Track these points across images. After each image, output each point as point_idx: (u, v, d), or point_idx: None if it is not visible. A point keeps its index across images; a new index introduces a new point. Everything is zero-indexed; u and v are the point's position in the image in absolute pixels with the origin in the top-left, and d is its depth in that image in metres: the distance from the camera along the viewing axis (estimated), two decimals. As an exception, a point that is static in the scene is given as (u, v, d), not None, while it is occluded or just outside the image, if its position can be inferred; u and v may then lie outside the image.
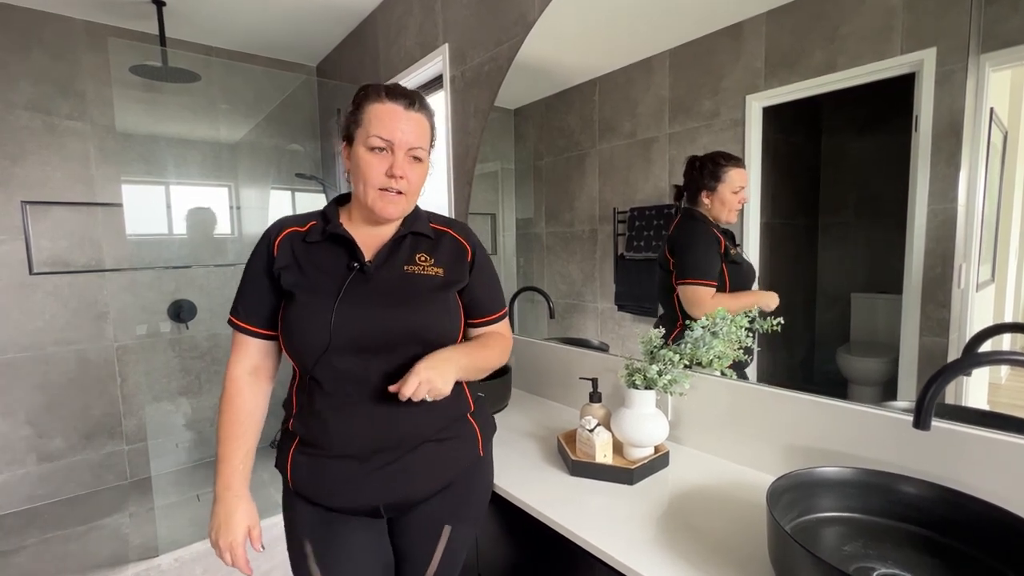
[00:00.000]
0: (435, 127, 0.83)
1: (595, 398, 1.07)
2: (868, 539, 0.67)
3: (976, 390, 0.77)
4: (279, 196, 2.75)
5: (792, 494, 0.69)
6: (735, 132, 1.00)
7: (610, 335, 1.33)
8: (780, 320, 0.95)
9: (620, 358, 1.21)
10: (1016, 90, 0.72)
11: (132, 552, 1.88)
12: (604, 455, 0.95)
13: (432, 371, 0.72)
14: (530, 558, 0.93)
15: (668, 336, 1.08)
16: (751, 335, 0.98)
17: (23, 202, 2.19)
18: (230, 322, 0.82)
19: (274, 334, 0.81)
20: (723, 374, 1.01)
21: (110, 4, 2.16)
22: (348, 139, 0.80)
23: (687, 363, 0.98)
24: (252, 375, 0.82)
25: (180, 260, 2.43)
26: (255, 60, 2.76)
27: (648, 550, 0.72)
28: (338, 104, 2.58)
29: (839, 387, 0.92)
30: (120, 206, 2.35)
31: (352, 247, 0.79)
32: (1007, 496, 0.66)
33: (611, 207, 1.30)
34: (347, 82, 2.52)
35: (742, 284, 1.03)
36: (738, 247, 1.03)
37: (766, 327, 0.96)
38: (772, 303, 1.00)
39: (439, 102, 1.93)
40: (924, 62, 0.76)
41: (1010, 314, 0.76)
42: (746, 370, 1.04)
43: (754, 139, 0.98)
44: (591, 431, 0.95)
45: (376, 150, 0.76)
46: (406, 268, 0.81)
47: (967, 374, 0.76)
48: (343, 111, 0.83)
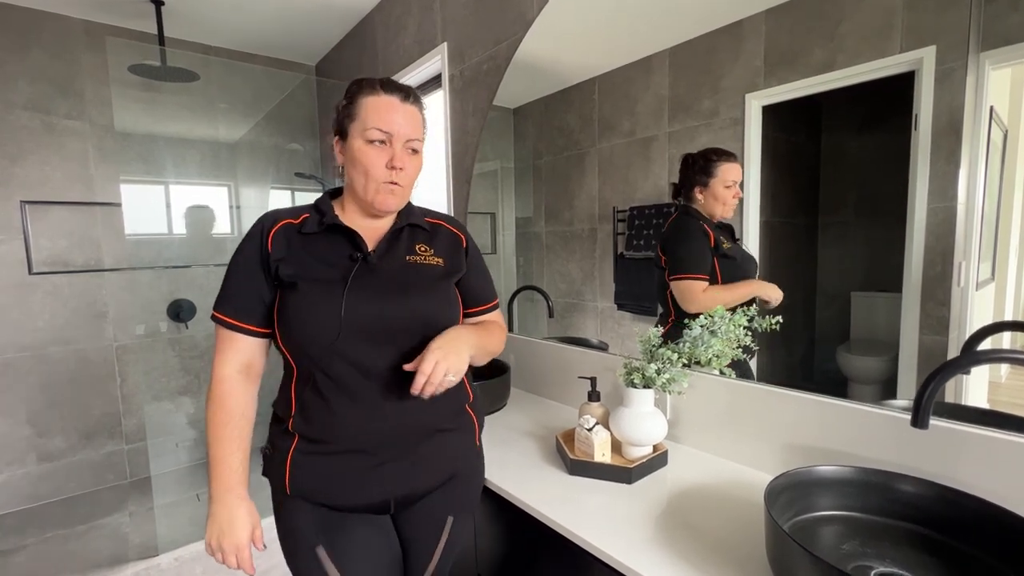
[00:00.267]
0: (426, 120, 0.84)
1: (594, 397, 1.07)
2: (866, 538, 0.67)
3: (976, 389, 0.77)
4: (279, 195, 2.75)
5: (790, 493, 0.69)
6: (735, 131, 1.00)
7: (610, 334, 1.33)
8: (779, 319, 0.95)
9: (619, 357, 1.21)
10: (1016, 88, 0.72)
11: (132, 551, 1.89)
12: (603, 454, 0.94)
13: (447, 348, 0.73)
14: (529, 557, 0.92)
15: (663, 332, 1.09)
16: (750, 334, 0.98)
17: (22, 202, 2.19)
18: (216, 319, 0.77)
19: (265, 331, 0.78)
20: (722, 373, 1.01)
21: (109, 3, 2.16)
22: (341, 133, 0.80)
23: (686, 362, 0.98)
24: (242, 374, 0.78)
25: (179, 260, 2.43)
26: (254, 59, 2.76)
27: (646, 549, 0.72)
28: (337, 104, 2.58)
29: (839, 386, 0.92)
30: (119, 206, 2.35)
31: (354, 238, 0.79)
32: (1006, 494, 0.66)
33: (611, 206, 1.29)
34: (346, 81, 2.52)
35: (736, 278, 1.04)
36: (737, 241, 1.03)
37: (765, 325, 0.96)
38: (772, 294, 0.99)
39: (438, 101, 1.93)
40: (924, 60, 0.75)
41: (1010, 312, 0.76)
42: (750, 362, 1.03)
43: (753, 138, 0.97)
44: (590, 430, 0.95)
45: (375, 143, 0.76)
46: (408, 258, 0.82)
47: (966, 372, 0.76)
48: (336, 105, 0.82)
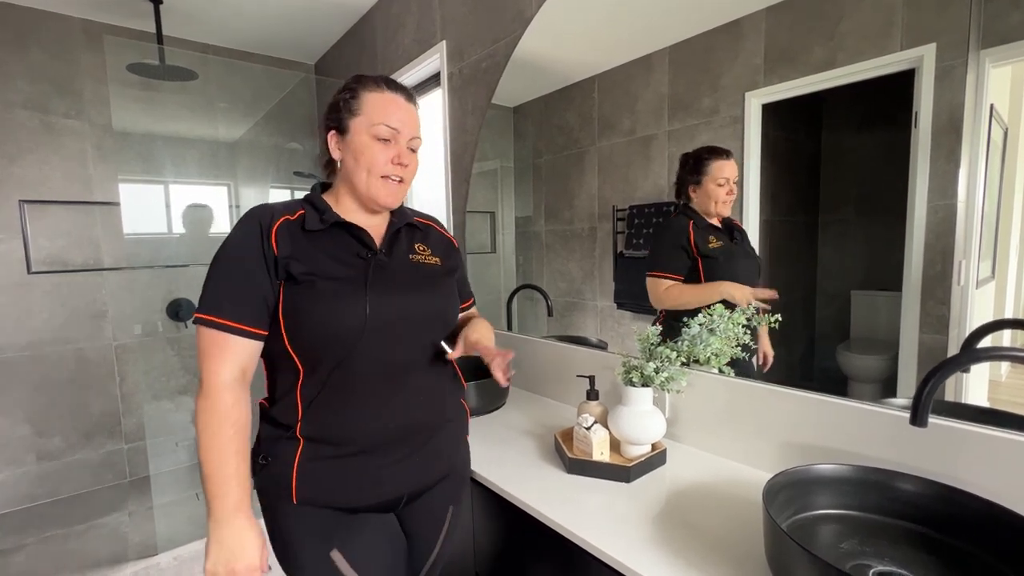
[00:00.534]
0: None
1: (592, 396, 1.07)
2: (865, 536, 0.67)
3: (976, 387, 0.77)
4: (278, 195, 2.75)
5: (788, 491, 0.69)
6: (734, 129, 0.99)
7: (610, 333, 1.33)
8: (778, 317, 0.95)
9: (618, 356, 1.20)
10: (1016, 86, 0.72)
11: (131, 551, 1.89)
12: (601, 453, 0.94)
13: (491, 338, 0.85)
14: (527, 556, 0.92)
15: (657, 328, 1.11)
16: (749, 332, 0.98)
17: (21, 201, 2.19)
18: (208, 322, 0.70)
19: (264, 333, 0.74)
20: (721, 371, 1.00)
21: (107, 3, 2.16)
22: (339, 128, 0.79)
23: (684, 360, 0.98)
24: (239, 382, 0.72)
25: (178, 259, 2.43)
26: (253, 58, 2.75)
27: (645, 548, 0.72)
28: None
29: (839, 384, 0.91)
30: (118, 205, 2.35)
31: (362, 236, 0.79)
32: (1005, 493, 0.66)
33: (610, 205, 1.29)
34: (344, 80, 2.51)
35: (720, 278, 1.05)
36: (735, 240, 1.03)
37: (764, 324, 0.96)
38: (737, 295, 1.00)
39: (437, 99, 1.93)
40: (924, 58, 0.75)
41: (1010, 310, 0.75)
42: (752, 359, 1.03)
43: (753, 136, 0.97)
44: (588, 429, 0.95)
45: (382, 139, 0.77)
46: (411, 257, 0.84)
47: (966, 370, 0.75)
48: (333, 99, 0.81)
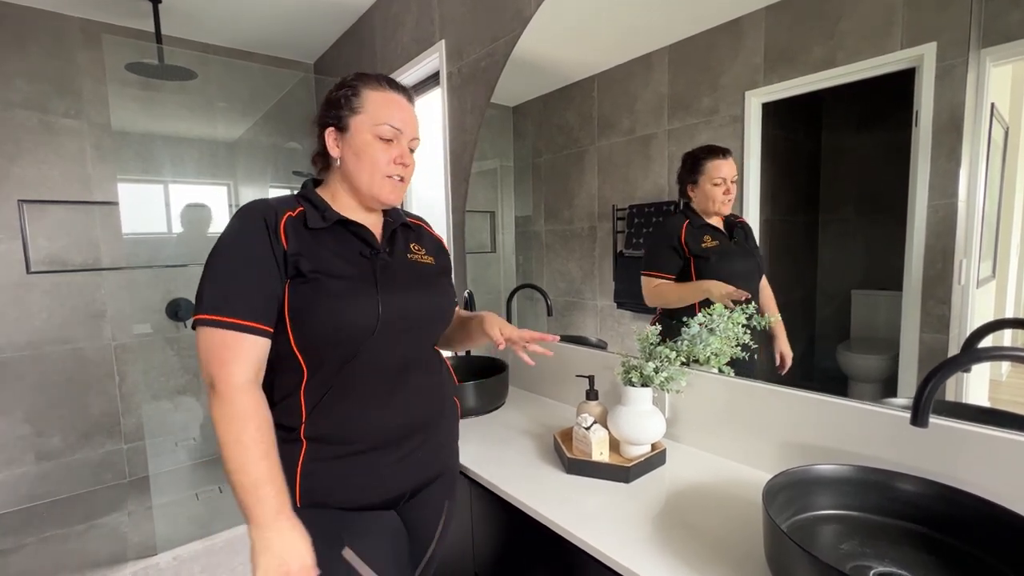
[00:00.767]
0: None
1: (592, 395, 1.07)
2: (865, 537, 0.66)
3: (977, 387, 0.76)
4: (277, 194, 2.73)
5: (788, 492, 0.69)
6: (734, 128, 0.99)
7: (609, 333, 1.32)
8: (777, 317, 0.95)
9: (618, 355, 1.20)
10: (1017, 85, 0.71)
11: (130, 551, 1.88)
12: (600, 453, 0.94)
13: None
14: (525, 557, 0.92)
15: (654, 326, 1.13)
16: (749, 332, 0.97)
17: (20, 201, 2.18)
18: (217, 322, 0.66)
19: (272, 331, 0.71)
20: (721, 371, 1.00)
21: (106, 2, 2.15)
22: (339, 126, 0.78)
23: (684, 360, 0.98)
24: (255, 383, 0.69)
25: (177, 259, 2.42)
26: (252, 58, 2.75)
27: (644, 549, 0.71)
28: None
29: (839, 384, 0.91)
30: (117, 205, 2.34)
31: (365, 234, 0.79)
32: (1005, 493, 0.65)
33: (610, 204, 1.29)
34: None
35: (715, 277, 1.06)
36: (734, 240, 1.03)
37: (763, 324, 0.96)
38: (715, 291, 1.03)
39: (436, 98, 1.92)
40: (924, 57, 0.75)
41: (1011, 310, 0.75)
42: (755, 357, 1.03)
43: (753, 135, 0.97)
44: (587, 429, 0.95)
45: (385, 138, 0.78)
46: (409, 256, 0.85)
47: (966, 370, 0.75)
48: (332, 96, 0.80)
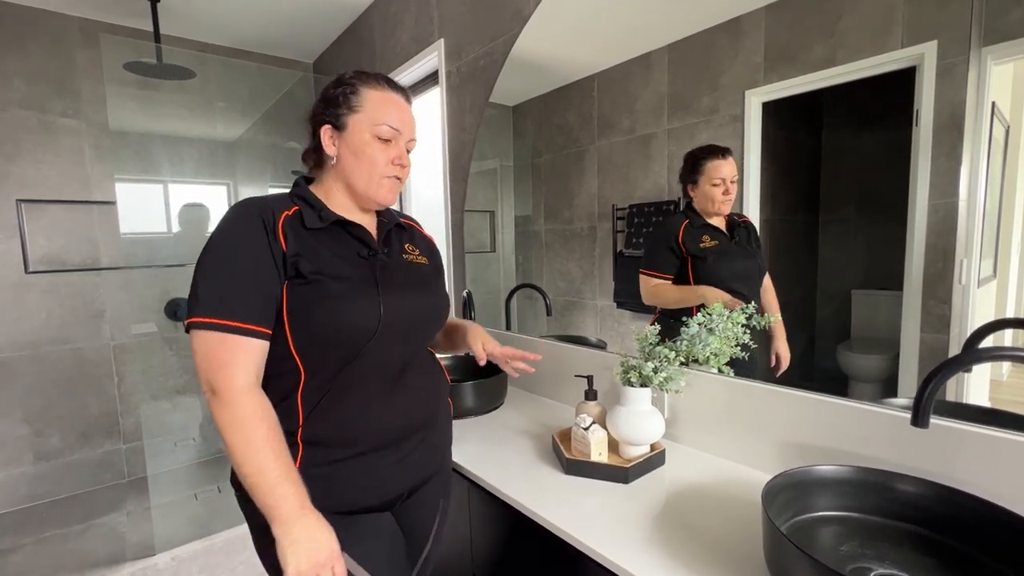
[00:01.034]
0: None
1: (591, 396, 1.06)
2: (865, 539, 0.66)
3: (977, 387, 0.76)
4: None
5: (788, 493, 0.68)
6: (734, 128, 0.99)
7: (609, 333, 1.32)
8: (776, 317, 0.94)
9: (617, 355, 1.20)
10: (1018, 84, 0.71)
11: (129, 551, 1.88)
12: (599, 453, 0.94)
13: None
14: (524, 558, 0.92)
15: (652, 324, 1.15)
16: (748, 332, 0.97)
17: (18, 200, 2.18)
18: (216, 325, 0.65)
19: (270, 333, 0.70)
20: (720, 371, 1.00)
21: (104, 1, 2.15)
22: (336, 124, 0.77)
23: (683, 360, 0.97)
24: (257, 386, 0.68)
25: (176, 259, 2.42)
26: (251, 57, 2.75)
27: (643, 550, 0.71)
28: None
29: (839, 384, 0.91)
30: (115, 204, 2.34)
31: (363, 235, 0.78)
32: (1007, 494, 0.65)
33: (610, 204, 1.29)
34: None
35: (711, 278, 1.06)
36: (735, 240, 1.03)
37: (763, 324, 0.95)
38: (709, 296, 1.03)
39: (435, 98, 1.92)
40: (925, 56, 0.74)
41: (1012, 309, 0.75)
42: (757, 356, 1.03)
43: (753, 135, 0.97)
44: (586, 429, 0.94)
45: (383, 139, 0.77)
46: (404, 257, 0.85)
47: (967, 370, 0.75)
48: (329, 94, 0.79)
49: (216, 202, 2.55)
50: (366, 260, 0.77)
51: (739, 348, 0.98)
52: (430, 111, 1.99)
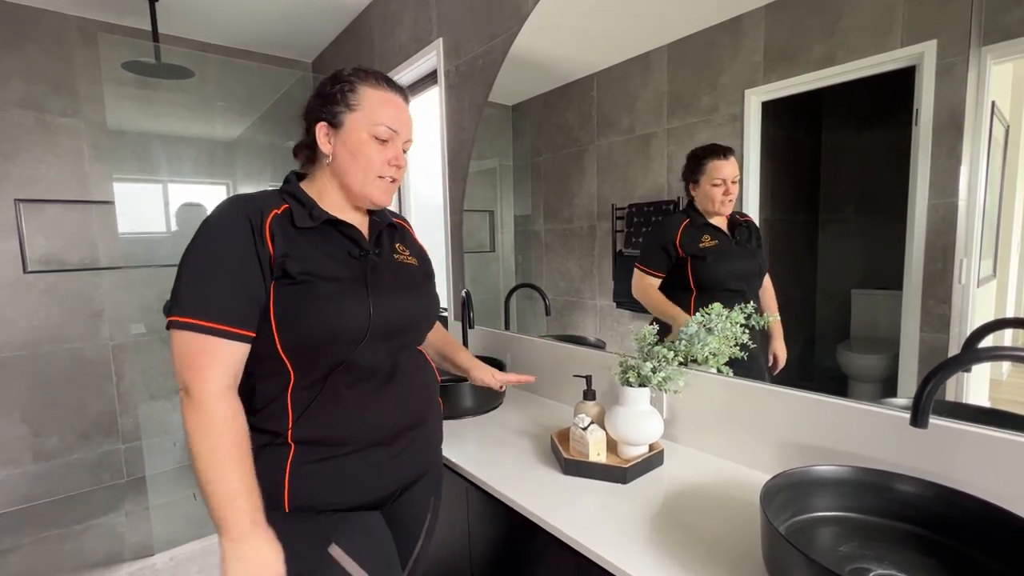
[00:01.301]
0: None
1: (589, 396, 1.06)
2: (864, 539, 0.66)
3: (977, 387, 0.76)
4: (276, 193, 2.73)
5: (786, 494, 0.68)
6: (734, 127, 0.99)
7: (608, 332, 1.32)
8: (775, 317, 0.94)
9: (615, 355, 1.20)
10: (1018, 83, 0.71)
11: (128, 551, 1.88)
12: (598, 453, 0.93)
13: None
14: (522, 558, 0.91)
15: (652, 322, 1.16)
16: (746, 332, 0.97)
17: (16, 200, 2.18)
18: (194, 326, 0.64)
19: (253, 335, 0.69)
20: (719, 371, 1.00)
21: (103, 0, 2.15)
22: (333, 121, 0.75)
23: (682, 360, 0.97)
24: (232, 389, 0.67)
25: (175, 258, 2.41)
26: (250, 56, 2.74)
27: (641, 550, 0.71)
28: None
29: (839, 384, 0.91)
30: (114, 204, 2.34)
31: (355, 235, 0.78)
32: (1006, 495, 0.65)
33: (609, 204, 1.28)
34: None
35: (711, 278, 1.06)
36: (736, 240, 1.02)
37: (762, 324, 0.95)
38: (679, 321, 1.06)
39: (434, 97, 1.92)
40: (924, 55, 0.74)
41: (1011, 309, 0.74)
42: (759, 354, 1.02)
43: (753, 134, 0.96)
44: (584, 429, 0.94)
45: (381, 139, 0.77)
46: (396, 257, 0.84)
47: (967, 370, 0.74)
48: (326, 90, 0.77)
49: (215, 202, 2.53)
50: (356, 260, 0.76)
51: (738, 348, 0.98)
52: (429, 110, 1.99)
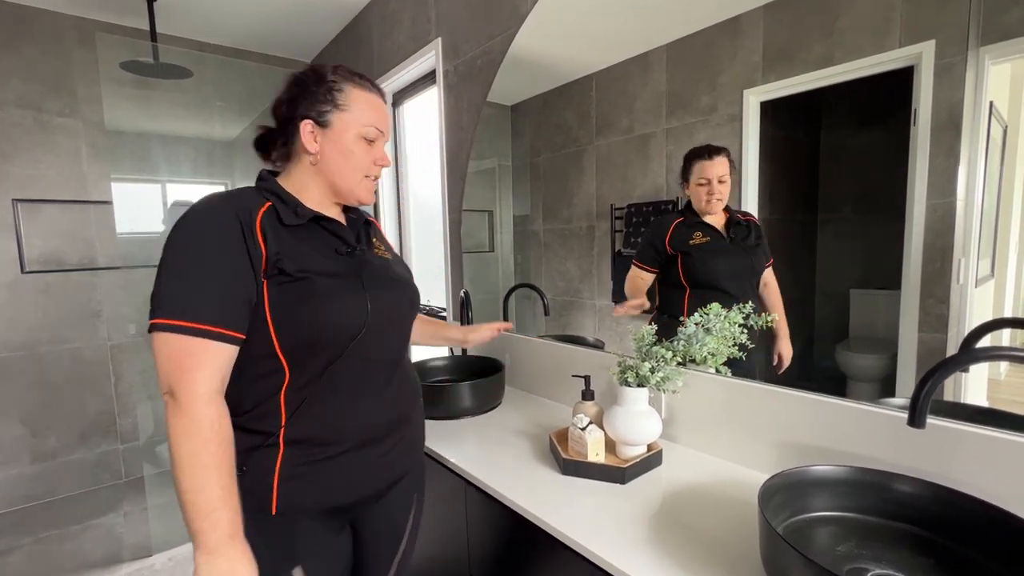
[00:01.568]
0: None
1: (588, 396, 1.06)
2: (862, 539, 0.66)
3: (975, 387, 0.76)
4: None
5: (784, 494, 0.68)
6: (732, 127, 0.99)
7: (607, 332, 1.32)
8: (774, 316, 0.94)
9: (614, 355, 1.20)
10: (1016, 83, 0.71)
11: (126, 551, 1.88)
12: (596, 454, 0.93)
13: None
14: (520, 558, 0.91)
15: (652, 320, 1.18)
16: (745, 332, 0.97)
17: (14, 200, 2.17)
18: (182, 328, 0.61)
19: (243, 337, 0.67)
20: (717, 371, 1.00)
21: (101, 0, 2.14)
22: (320, 120, 0.75)
23: (680, 360, 0.97)
24: (219, 393, 0.65)
25: (174, 258, 2.41)
26: (248, 56, 2.74)
27: (639, 550, 0.71)
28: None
29: (837, 384, 0.91)
30: (112, 204, 2.33)
31: (340, 231, 0.78)
32: (1003, 494, 0.65)
33: (608, 204, 1.28)
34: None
35: (698, 276, 1.08)
36: (731, 237, 1.03)
37: (761, 324, 0.95)
38: (644, 304, 1.18)
39: (432, 97, 1.92)
40: (923, 55, 0.74)
41: (1009, 309, 0.74)
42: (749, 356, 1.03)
43: (752, 134, 0.96)
44: (583, 429, 0.94)
45: (369, 140, 0.78)
46: (375, 252, 0.85)
47: (964, 370, 0.75)
48: (310, 88, 0.76)
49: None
50: (345, 256, 0.76)
51: (736, 348, 0.98)
52: (428, 110, 1.98)
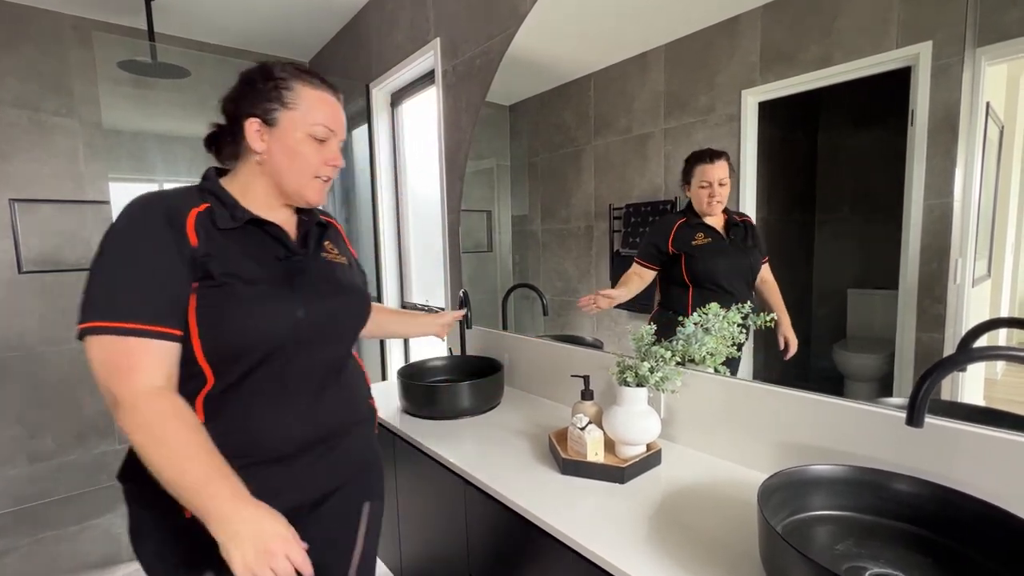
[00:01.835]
0: None
1: (587, 396, 1.06)
2: (860, 538, 0.66)
3: (972, 386, 0.76)
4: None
5: (783, 493, 0.68)
6: (730, 127, 0.99)
7: (606, 332, 1.32)
8: (773, 316, 0.94)
9: (613, 355, 1.20)
10: (1012, 84, 0.71)
11: (124, 552, 1.87)
12: (595, 453, 0.93)
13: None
14: (520, 558, 0.92)
15: (651, 318, 1.19)
16: (744, 331, 0.97)
17: (11, 200, 2.16)
18: (117, 329, 0.60)
19: (180, 334, 0.65)
20: (716, 371, 1.00)
21: (99, -1, 2.14)
22: (267, 119, 0.73)
23: (679, 360, 0.97)
24: (168, 389, 0.63)
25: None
26: (246, 56, 2.73)
27: (639, 550, 0.71)
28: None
29: (835, 383, 0.91)
30: (109, 204, 2.33)
31: (280, 235, 0.74)
32: (1001, 493, 0.65)
33: (607, 203, 1.29)
34: (342, 78, 2.50)
35: (702, 275, 1.09)
36: (731, 238, 1.03)
37: (759, 323, 0.96)
38: (610, 294, 1.23)
39: (431, 97, 1.92)
40: (920, 56, 0.75)
41: (1006, 309, 0.75)
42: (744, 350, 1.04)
43: (750, 134, 0.97)
44: (582, 429, 0.94)
45: (318, 139, 0.75)
46: (324, 256, 0.82)
47: (962, 370, 0.75)
48: (263, 86, 0.74)
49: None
50: (282, 262, 0.73)
51: (735, 348, 0.98)
52: (426, 110, 1.98)
